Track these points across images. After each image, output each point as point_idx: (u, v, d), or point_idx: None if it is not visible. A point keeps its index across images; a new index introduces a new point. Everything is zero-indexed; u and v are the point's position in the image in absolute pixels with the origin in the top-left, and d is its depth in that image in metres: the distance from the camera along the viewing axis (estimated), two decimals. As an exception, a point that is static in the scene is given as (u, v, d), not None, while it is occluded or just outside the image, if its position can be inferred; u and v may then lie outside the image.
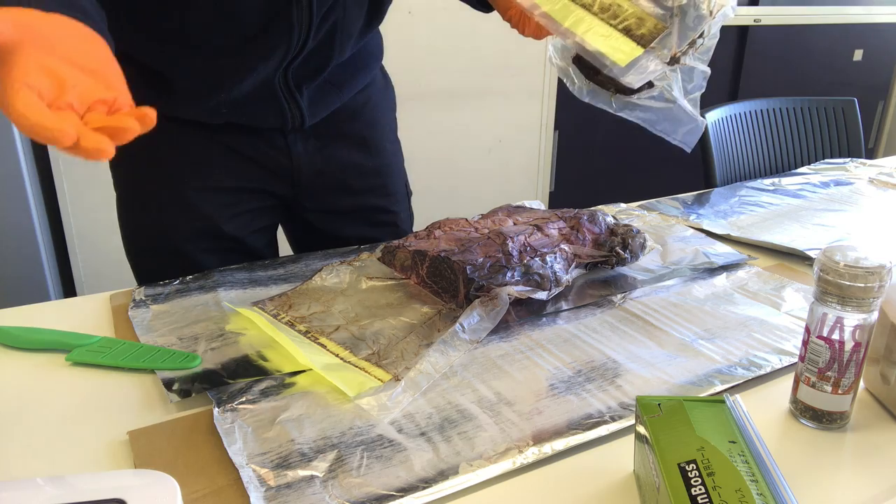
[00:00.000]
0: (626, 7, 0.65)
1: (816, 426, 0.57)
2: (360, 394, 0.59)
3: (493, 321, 0.69)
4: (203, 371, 0.62)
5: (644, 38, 0.64)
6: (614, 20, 0.66)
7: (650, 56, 0.64)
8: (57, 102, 0.51)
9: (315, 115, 0.86)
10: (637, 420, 0.49)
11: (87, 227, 1.87)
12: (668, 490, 0.41)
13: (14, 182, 1.70)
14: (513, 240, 0.76)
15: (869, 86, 3.51)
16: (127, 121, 0.53)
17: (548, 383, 0.61)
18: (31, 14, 0.53)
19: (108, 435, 0.55)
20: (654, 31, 0.64)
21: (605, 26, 0.66)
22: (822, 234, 0.98)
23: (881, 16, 3.34)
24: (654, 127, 0.72)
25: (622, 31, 0.65)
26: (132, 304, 0.75)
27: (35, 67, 0.51)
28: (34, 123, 0.48)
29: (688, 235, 0.95)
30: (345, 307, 0.74)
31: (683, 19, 0.63)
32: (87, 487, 0.39)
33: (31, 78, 0.50)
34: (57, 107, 0.51)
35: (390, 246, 0.80)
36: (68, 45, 0.54)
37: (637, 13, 0.65)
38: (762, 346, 0.68)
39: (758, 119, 1.59)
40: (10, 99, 0.49)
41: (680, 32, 0.63)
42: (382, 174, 0.97)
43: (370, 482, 0.49)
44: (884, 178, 1.26)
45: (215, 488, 0.49)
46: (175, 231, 0.86)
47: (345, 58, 0.85)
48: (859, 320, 0.52)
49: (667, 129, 0.71)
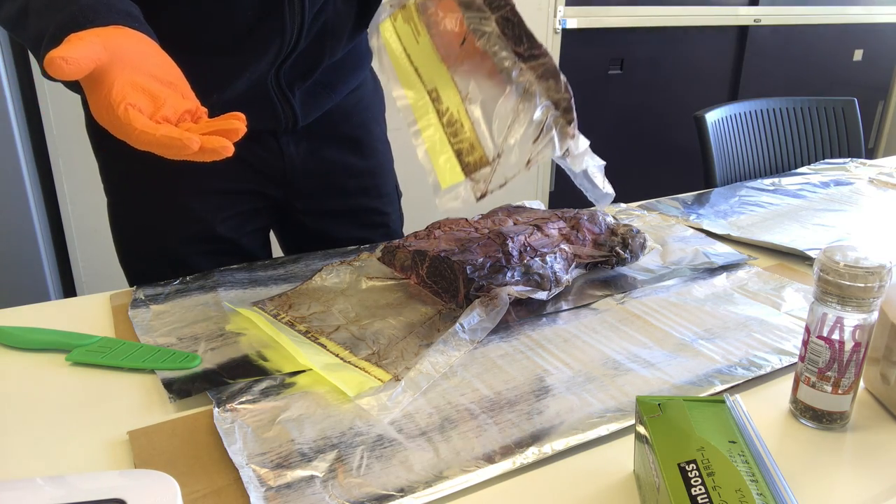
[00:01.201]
0: (466, 129, 0.66)
1: (816, 426, 0.57)
2: (360, 394, 0.59)
3: (493, 321, 0.69)
4: (203, 371, 0.62)
5: (469, 166, 0.66)
6: (454, 138, 0.67)
7: (466, 186, 0.65)
8: (155, 117, 0.53)
9: (308, 115, 0.86)
10: (637, 420, 0.49)
11: (87, 227, 1.87)
12: (668, 490, 0.41)
13: (14, 182, 1.70)
14: (513, 240, 0.76)
15: (869, 86, 3.51)
16: (233, 122, 0.55)
17: (548, 383, 0.61)
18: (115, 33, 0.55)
19: (108, 435, 0.55)
20: (479, 163, 0.65)
21: (445, 142, 0.67)
22: (822, 234, 0.98)
23: (881, 16, 3.33)
24: (574, 179, 0.73)
25: (456, 152, 0.66)
26: (132, 305, 0.75)
27: (130, 86, 0.53)
28: (161, 136, 0.51)
29: (688, 235, 0.95)
30: (345, 307, 0.74)
31: (503, 163, 0.63)
32: (87, 487, 0.39)
33: (131, 97, 0.53)
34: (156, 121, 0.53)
35: (390, 246, 0.80)
36: (148, 61, 0.57)
37: (471, 139, 0.66)
38: (762, 346, 0.68)
39: (758, 119, 1.59)
40: (123, 119, 0.52)
41: (496, 174, 0.64)
42: (374, 175, 0.97)
43: (370, 482, 0.49)
44: (884, 178, 1.26)
45: (215, 488, 0.49)
46: (168, 235, 0.86)
47: (336, 59, 0.85)
48: (859, 320, 0.52)
49: (584, 186, 0.72)
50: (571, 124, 0.64)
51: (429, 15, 0.69)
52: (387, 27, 0.72)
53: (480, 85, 0.66)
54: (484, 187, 0.64)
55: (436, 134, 0.67)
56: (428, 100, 0.69)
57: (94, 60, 0.52)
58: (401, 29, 0.71)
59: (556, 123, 0.63)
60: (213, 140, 0.53)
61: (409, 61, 0.70)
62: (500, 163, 0.63)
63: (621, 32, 2.68)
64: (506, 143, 0.64)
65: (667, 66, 2.85)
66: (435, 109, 0.68)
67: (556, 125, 0.63)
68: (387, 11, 0.73)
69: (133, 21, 0.58)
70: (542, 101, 0.63)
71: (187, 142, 0.51)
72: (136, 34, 0.57)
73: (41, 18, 0.56)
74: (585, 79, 2.68)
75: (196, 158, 0.53)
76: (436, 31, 0.69)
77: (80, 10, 0.55)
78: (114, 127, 0.53)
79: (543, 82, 0.64)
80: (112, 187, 0.87)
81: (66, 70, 0.50)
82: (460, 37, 0.68)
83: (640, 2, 2.64)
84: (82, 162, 1.79)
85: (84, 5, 0.56)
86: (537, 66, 0.64)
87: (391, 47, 0.72)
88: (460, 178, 0.65)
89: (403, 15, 0.71)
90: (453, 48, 0.68)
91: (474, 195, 0.65)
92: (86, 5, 0.56)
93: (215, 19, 0.74)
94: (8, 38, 1.69)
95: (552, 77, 0.64)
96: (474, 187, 0.64)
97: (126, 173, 0.86)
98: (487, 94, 0.66)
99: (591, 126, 2.67)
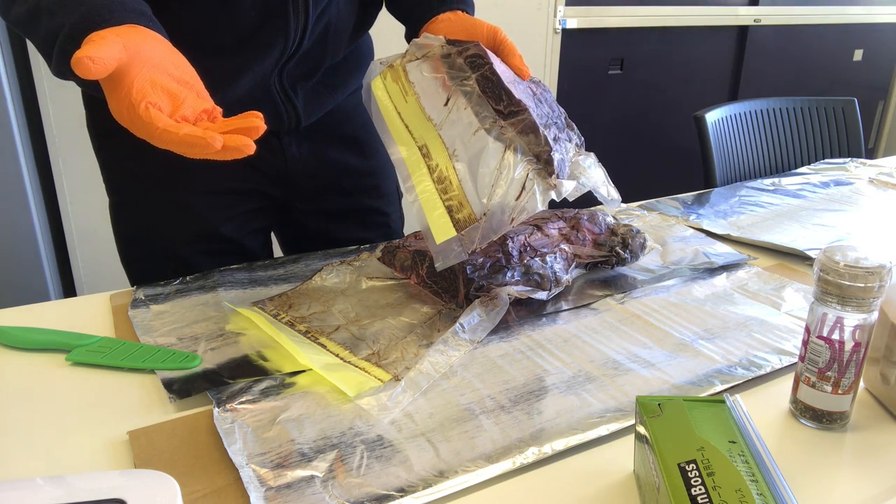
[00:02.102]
0: (454, 186, 0.68)
1: (816, 426, 0.57)
2: (360, 394, 0.59)
3: (493, 321, 0.69)
4: (203, 371, 0.62)
5: (459, 223, 0.67)
6: (444, 195, 0.69)
7: (459, 242, 0.67)
8: (175, 116, 0.53)
9: (310, 115, 0.86)
10: (637, 420, 0.49)
11: (87, 227, 1.87)
12: (668, 490, 0.41)
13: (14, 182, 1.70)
14: (513, 240, 0.76)
15: (869, 86, 3.51)
16: (252, 120, 0.56)
17: (548, 383, 0.61)
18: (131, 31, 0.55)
19: (108, 435, 0.55)
20: (468, 220, 0.67)
21: (437, 198, 0.69)
22: (822, 234, 0.98)
23: (881, 16, 3.34)
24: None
25: (447, 208, 0.68)
26: (132, 304, 0.75)
27: (150, 85, 0.54)
28: (184, 135, 0.52)
29: (688, 235, 0.95)
30: (345, 307, 0.74)
31: (489, 221, 0.66)
32: (87, 487, 0.39)
33: (151, 96, 0.53)
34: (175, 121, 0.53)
35: (390, 246, 0.80)
36: (165, 60, 0.57)
37: (460, 197, 0.68)
38: (762, 346, 0.68)
39: (758, 119, 1.59)
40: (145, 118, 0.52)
41: (483, 231, 0.66)
42: (375, 175, 0.97)
43: (370, 482, 0.49)
44: (884, 178, 1.26)
45: (215, 488, 0.49)
46: (171, 235, 0.86)
47: (338, 59, 0.85)
48: (859, 320, 0.52)
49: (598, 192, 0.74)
50: (553, 175, 0.67)
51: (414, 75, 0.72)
52: (378, 85, 0.75)
53: (465, 143, 0.69)
54: (475, 245, 0.66)
55: (428, 189, 0.70)
56: (419, 155, 0.71)
57: (117, 60, 0.52)
58: (390, 87, 0.74)
59: (537, 177, 0.67)
60: (235, 139, 0.53)
61: (399, 118, 0.73)
62: (487, 222, 0.66)
63: (621, 32, 2.68)
64: (491, 203, 0.66)
65: (667, 66, 2.85)
66: (426, 165, 0.70)
67: (537, 179, 0.66)
68: (378, 69, 0.75)
69: (147, 20, 0.58)
70: (524, 158, 0.67)
71: (211, 140, 0.51)
72: (152, 33, 0.57)
73: (53, 18, 0.56)
74: (585, 79, 2.68)
75: (218, 157, 0.54)
76: (422, 90, 0.72)
77: (95, 9, 0.55)
78: (135, 126, 0.53)
79: (524, 137, 0.67)
80: (113, 187, 0.87)
81: (94, 69, 0.50)
82: (444, 96, 0.71)
83: (640, 2, 2.64)
84: (82, 162, 1.79)
85: (98, 4, 0.56)
86: (517, 123, 0.68)
87: (383, 104, 0.74)
88: (453, 234, 0.68)
89: (392, 74, 0.74)
90: (438, 108, 0.71)
91: (465, 251, 0.67)
92: (100, 4, 0.56)
93: (219, 20, 0.74)
94: (8, 38, 1.69)
95: (532, 132, 0.67)
96: (465, 244, 0.67)
97: (127, 173, 0.86)
98: (472, 151, 0.69)
99: (591, 126, 2.67)
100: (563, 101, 2.41)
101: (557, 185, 0.67)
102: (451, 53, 0.71)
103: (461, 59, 0.70)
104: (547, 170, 0.67)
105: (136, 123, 0.53)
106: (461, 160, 0.68)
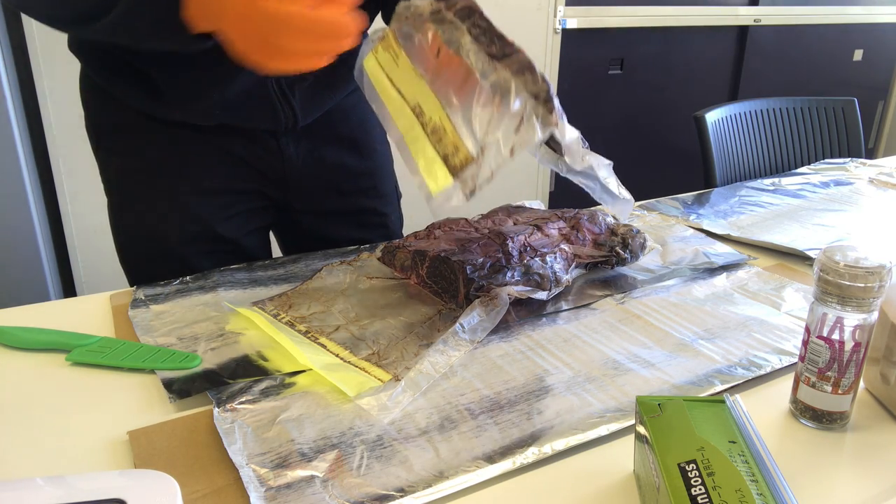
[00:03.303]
0: (448, 132, 0.66)
1: (816, 426, 0.57)
2: (360, 394, 0.59)
3: (493, 321, 0.69)
4: (203, 371, 0.62)
5: (455, 168, 0.65)
6: (439, 144, 0.67)
7: (456, 188, 0.65)
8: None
9: (308, 115, 0.86)
10: (637, 420, 0.49)
11: (87, 227, 1.87)
12: (668, 490, 0.41)
13: (14, 182, 1.70)
14: (513, 240, 0.76)
15: (869, 86, 3.51)
16: None
17: (548, 383, 0.61)
18: None
19: (108, 435, 0.55)
20: (464, 163, 0.65)
21: (431, 149, 0.67)
22: (822, 234, 0.98)
23: (881, 16, 3.34)
24: (594, 194, 0.73)
25: (442, 157, 0.66)
26: (132, 305, 0.75)
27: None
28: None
29: (688, 235, 0.95)
30: (345, 307, 0.74)
31: (487, 156, 0.63)
32: (87, 487, 0.39)
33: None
34: None
35: (390, 246, 0.80)
36: None
37: (455, 141, 0.66)
38: (762, 346, 0.68)
39: (758, 119, 1.59)
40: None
41: (482, 167, 0.64)
42: (373, 176, 0.97)
43: (370, 482, 0.49)
44: (884, 178, 1.26)
45: (215, 488, 0.49)
46: (170, 235, 0.86)
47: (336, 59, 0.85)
48: (859, 320, 0.52)
49: (605, 199, 0.73)
50: (553, 112, 0.63)
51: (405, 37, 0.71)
52: (370, 61, 0.74)
53: (458, 93, 0.67)
54: (472, 184, 0.64)
55: (423, 146, 0.68)
56: (415, 120, 0.70)
57: None
58: (382, 58, 0.73)
59: (536, 112, 0.63)
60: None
61: (392, 86, 0.72)
62: (485, 157, 0.63)
63: (621, 32, 2.68)
64: (487, 138, 0.64)
65: (667, 66, 2.85)
66: (420, 123, 0.69)
67: (537, 114, 0.63)
68: (369, 46, 0.74)
69: None
70: (521, 95, 0.63)
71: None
72: None
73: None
74: (585, 79, 2.68)
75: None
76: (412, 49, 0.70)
77: None
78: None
79: (520, 76, 0.64)
80: (112, 186, 0.87)
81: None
82: (435, 49, 0.69)
83: (640, 2, 2.64)
84: (82, 162, 1.79)
85: None
86: (512, 63, 0.64)
87: (376, 79, 0.73)
88: (449, 182, 0.66)
89: (383, 45, 0.73)
90: (430, 62, 0.69)
91: (464, 194, 0.65)
92: None
93: None
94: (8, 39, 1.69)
95: (528, 71, 0.64)
96: (463, 187, 0.65)
97: (125, 172, 0.86)
98: (466, 100, 0.67)
99: (592, 126, 2.67)
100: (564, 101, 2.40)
101: (561, 125, 0.64)
102: (440, 9, 0.69)
103: (451, 13, 0.68)
104: (547, 107, 0.64)
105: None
106: (455, 107, 0.66)
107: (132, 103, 0.81)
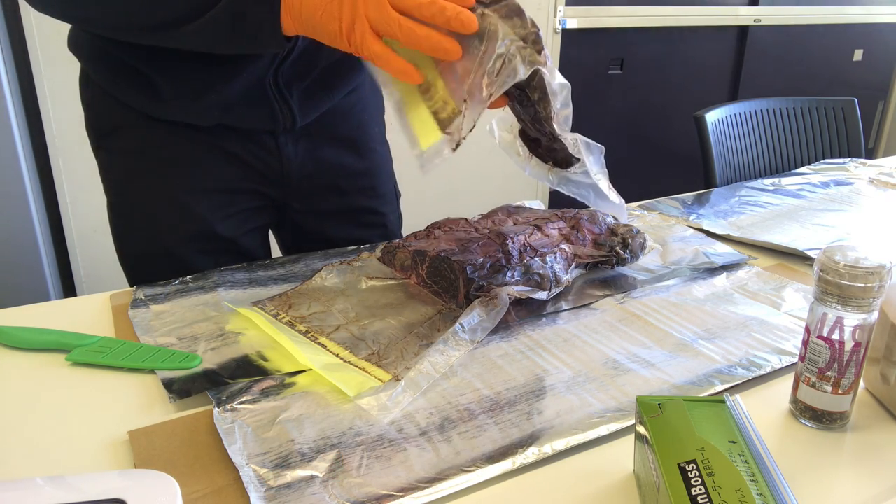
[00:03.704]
0: (438, 87, 0.66)
1: (816, 426, 0.57)
2: (360, 394, 0.59)
3: (493, 321, 0.69)
4: (203, 371, 0.62)
5: (444, 122, 0.65)
6: (430, 102, 0.66)
7: (444, 142, 0.64)
8: None
9: (306, 116, 0.86)
10: (637, 420, 0.49)
11: (87, 227, 1.88)
12: (668, 490, 0.41)
13: (14, 182, 1.70)
14: (513, 240, 0.76)
15: (869, 86, 3.51)
16: None
17: (548, 383, 0.61)
18: None
19: (108, 435, 0.55)
20: (452, 115, 0.64)
21: (425, 109, 0.67)
22: (822, 234, 0.98)
23: (881, 16, 3.34)
24: (588, 201, 0.73)
25: (433, 112, 0.66)
26: (132, 305, 0.75)
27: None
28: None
29: (688, 235, 0.95)
30: (345, 307, 0.74)
31: (470, 104, 0.63)
32: (87, 487, 0.39)
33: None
34: None
35: (390, 246, 0.80)
36: None
37: (444, 96, 0.65)
38: (762, 346, 0.68)
39: (758, 119, 1.59)
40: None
41: (467, 117, 0.63)
42: (371, 175, 0.97)
43: (370, 482, 0.49)
44: (884, 178, 1.26)
45: (215, 488, 0.49)
46: (169, 234, 0.86)
47: (334, 59, 0.85)
48: (859, 320, 0.52)
49: (599, 205, 0.72)
50: (541, 53, 0.63)
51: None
52: None
53: None
54: (458, 136, 0.63)
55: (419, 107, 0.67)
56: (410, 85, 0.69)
57: None
58: None
59: (522, 53, 0.62)
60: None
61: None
62: (468, 106, 0.63)
63: (621, 32, 2.68)
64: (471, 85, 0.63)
65: (667, 66, 2.85)
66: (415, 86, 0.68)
67: (523, 55, 0.62)
68: None
69: None
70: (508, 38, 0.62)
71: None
72: None
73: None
74: (585, 79, 2.68)
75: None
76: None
77: None
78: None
79: (508, 21, 0.63)
80: (111, 186, 0.88)
81: None
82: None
83: (640, 2, 2.64)
84: (82, 162, 1.79)
85: None
86: (500, 8, 0.64)
87: None
88: (437, 136, 0.65)
89: None
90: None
91: (450, 147, 0.64)
92: None
93: None
94: (8, 39, 1.69)
95: (516, 15, 0.63)
96: (450, 140, 0.64)
97: (125, 172, 0.86)
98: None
99: (592, 126, 2.67)
100: (563, 101, 2.40)
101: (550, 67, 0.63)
102: None
103: None
104: (535, 48, 0.63)
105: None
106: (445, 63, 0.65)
107: (132, 103, 0.81)
